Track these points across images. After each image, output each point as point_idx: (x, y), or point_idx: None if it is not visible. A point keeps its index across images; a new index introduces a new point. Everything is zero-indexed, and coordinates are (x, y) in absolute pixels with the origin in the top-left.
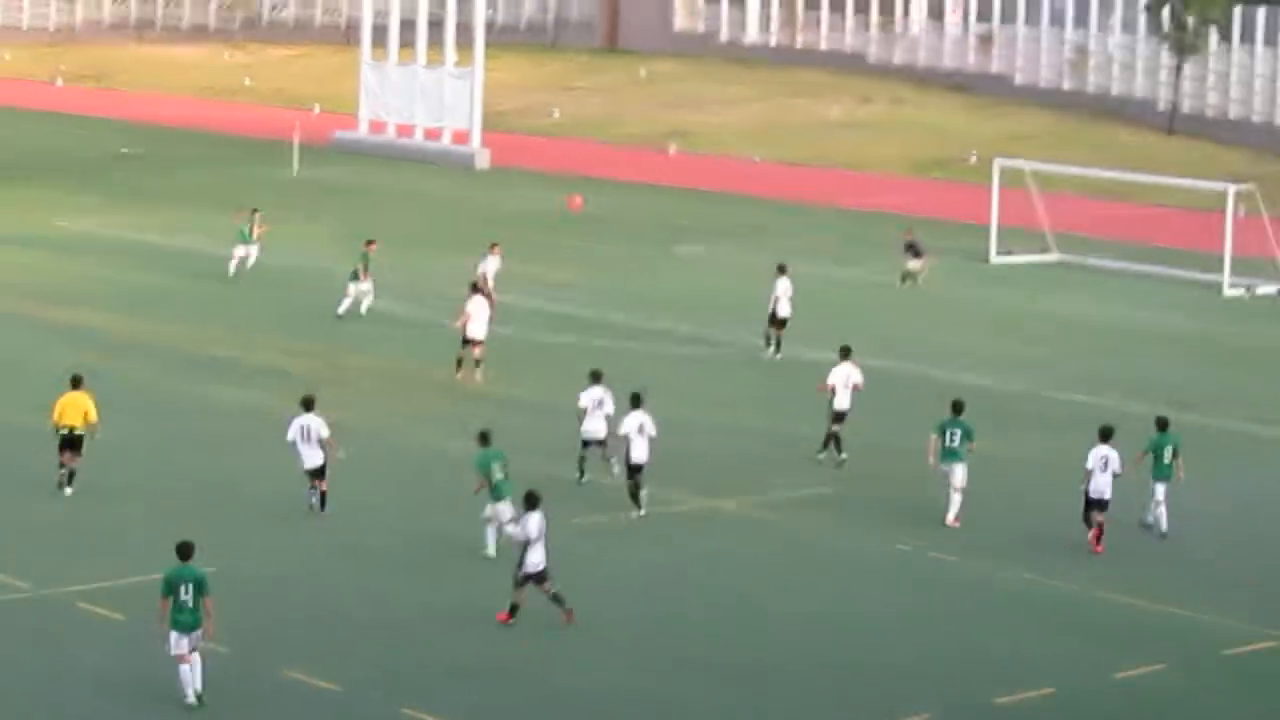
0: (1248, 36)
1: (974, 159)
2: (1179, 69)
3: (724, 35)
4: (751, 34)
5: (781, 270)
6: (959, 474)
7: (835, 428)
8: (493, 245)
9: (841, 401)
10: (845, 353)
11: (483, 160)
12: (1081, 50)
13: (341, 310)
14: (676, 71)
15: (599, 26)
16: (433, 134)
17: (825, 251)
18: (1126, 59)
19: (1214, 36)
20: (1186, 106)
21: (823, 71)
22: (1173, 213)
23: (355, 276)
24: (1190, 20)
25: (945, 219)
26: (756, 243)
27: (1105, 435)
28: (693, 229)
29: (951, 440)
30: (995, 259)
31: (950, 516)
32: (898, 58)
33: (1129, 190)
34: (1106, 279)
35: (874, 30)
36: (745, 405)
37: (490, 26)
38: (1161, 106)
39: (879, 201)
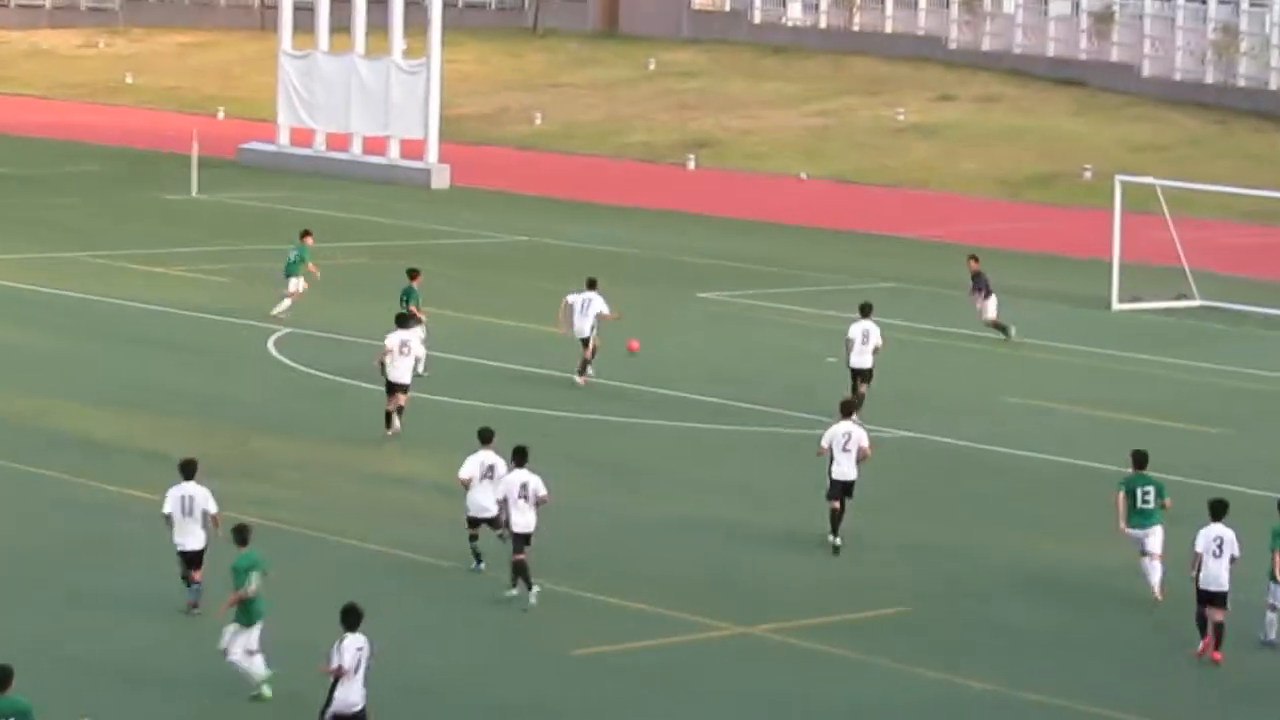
0: None
1: (1089, 175)
2: None
3: (757, 15)
4: (794, 13)
5: (865, 311)
6: (1156, 539)
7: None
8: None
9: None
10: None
11: (441, 179)
12: (1230, 31)
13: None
14: (696, 63)
15: (594, 4)
16: (375, 145)
17: (894, 296)
18: None
19: None
20: None
21: (888, 62)
22: None
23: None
24: None
25: (1050, 253)
26: (803, 285)
27: (1218, 511)
28: (721, 271)
29: (1145, 500)
30: (1118, 306)
31: (1156, 588)
32: (987, 43)
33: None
34: (1268, 331)
35: (956, 8)
36: (794, 497)
37: (451, 3)
38: None
39: (961, 230)
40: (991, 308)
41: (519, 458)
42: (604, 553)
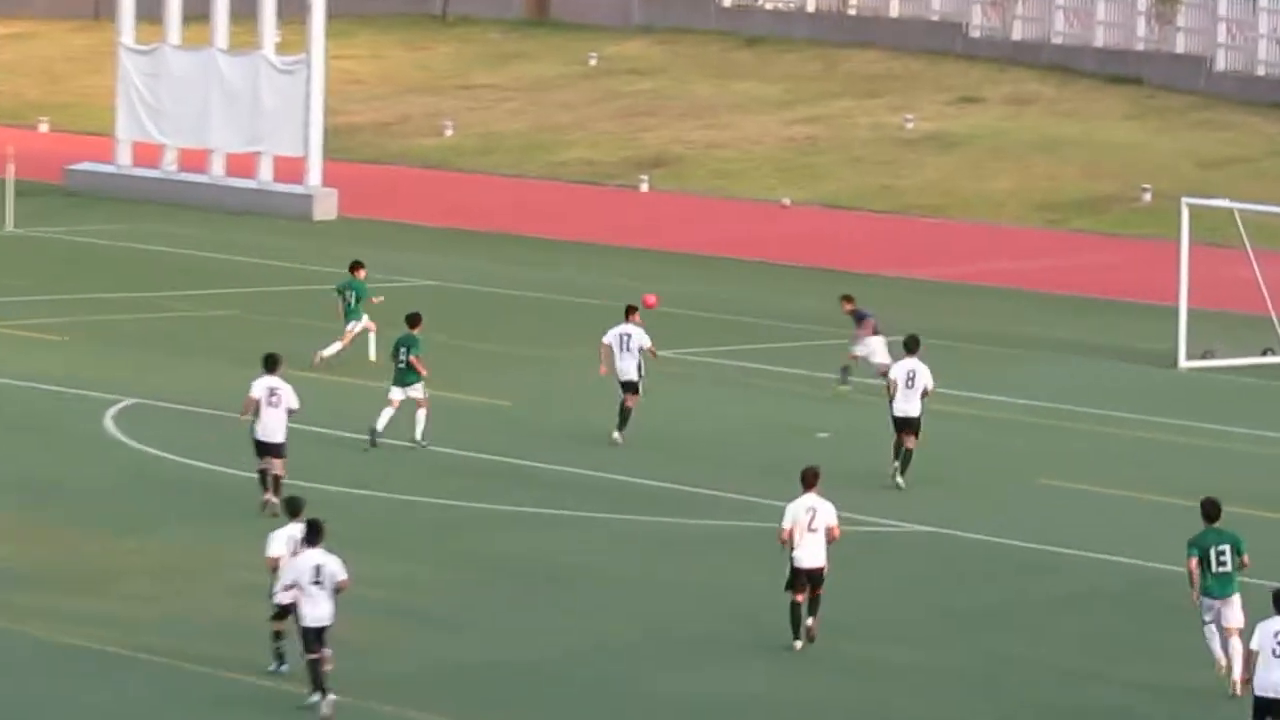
0: None
1: (1148, 197)
2: None
3: None
4: None
5: (910, 347)
6: (1236, 610)
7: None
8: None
9: (906, 407)
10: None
11: (326, 208)
12: None
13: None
14: (649, 57)
15: None
16: (242, 165)
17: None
18: None
19: None
20: None
21: (895, 55)
22: None
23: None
24: None
25: (1102, 297)
26: (788, 340)
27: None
28: (683, 322)
29: (1220, 563)
30: (1186, 364)
31: (1237, 677)
32: (1020, 31)
33: None
34: None
35: None
36: (768, 605)
37: None
38: None
39: (988, 269)
40: (880, 351)
41: (312, 536)
42: (510, 681)
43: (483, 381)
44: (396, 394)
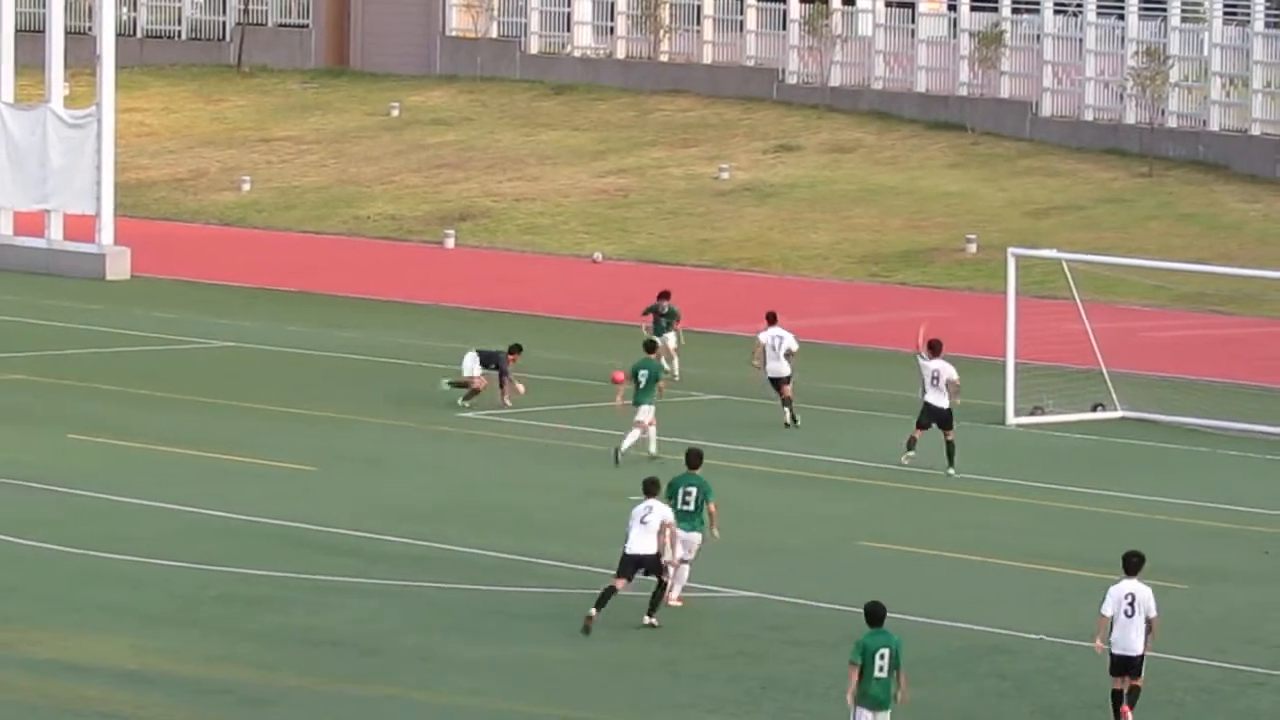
0: None
1: (974, 248)
2: None
3: (534, 44)
4: (583, 40)
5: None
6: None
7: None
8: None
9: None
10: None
11: (119, 267)
12: (1156, 55)
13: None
14: (454, 107)
15: (318, 33)
16: (30, 224)
17: (717, 409)
18: (1233, 69)
19: None
20: None
21: (709, 102)
22: None
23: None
24: None
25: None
26: (601, 400)
27: (1131, 566)
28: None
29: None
30: (1015, 420)
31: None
32: (838, 76)
33: (1241, 297)
34: (1206, 449)
35: (796, 31)
36: (583, 677)
37: (128, 34)
38: None
39: (809, 325)
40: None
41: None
42: None
43: (285, 446)
44: (645, 414)
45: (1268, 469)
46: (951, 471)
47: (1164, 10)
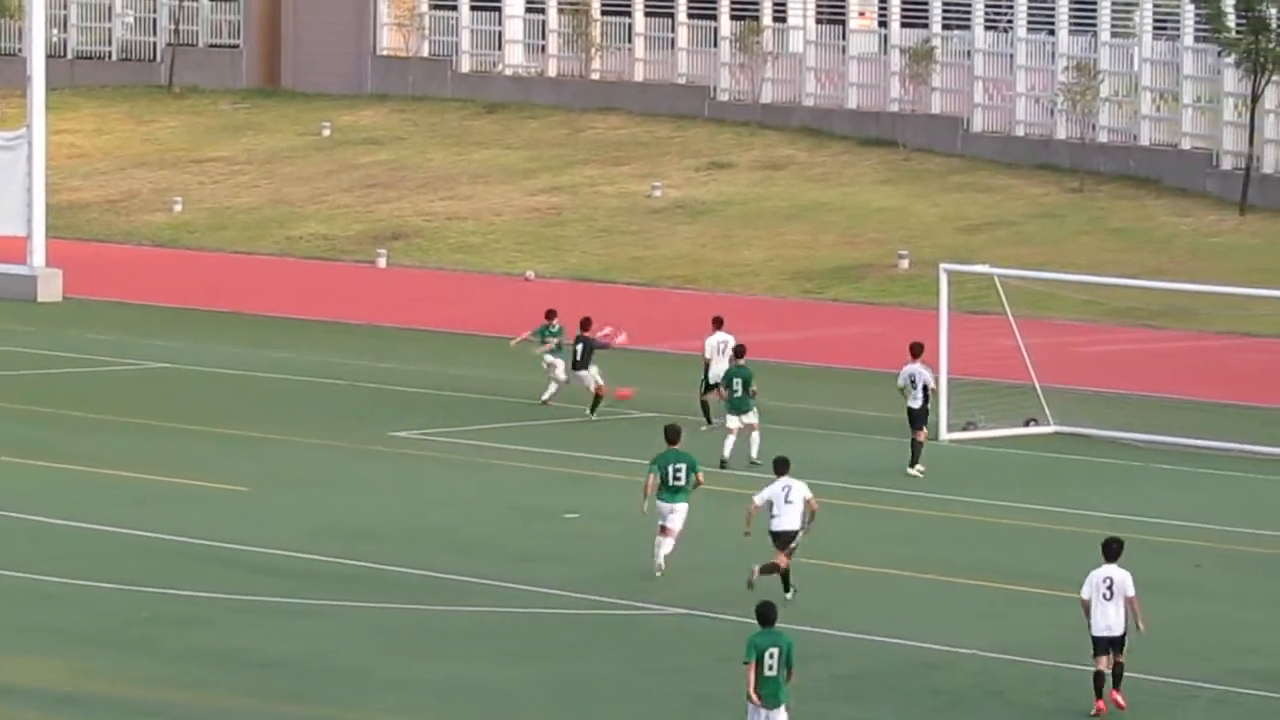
0: None
1: (906, 264)
2: (1255, 100)
3: (465, 63)
4: (514, 58)
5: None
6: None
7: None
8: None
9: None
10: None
11: (51, 289)
12: (1086, 71)
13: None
14: (385, 126)
15: (249, 53)
16: None
17: (646, 427)
18: (1163, 83)
19: None
20: (1270, 163)
21: (640, 120)
22: (1252, 344)
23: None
24: (1275, 14)
25: (861, 369)
26: (532, 419)
27: (1111, 552)
28: (423, 401)
29: (770, 667)
30: (949, 436)
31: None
32: (770, 93)
33: (1173, 311)
34: (1139, 463)
35: (727, 48)
36: (528, 701)
37: (58, 55)
38: (1228, 165)
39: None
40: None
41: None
42: None
43: (217, 466)
44: (734, 421)
45: (1200, 482)
46: (912, 471)
47: (1094, 25)
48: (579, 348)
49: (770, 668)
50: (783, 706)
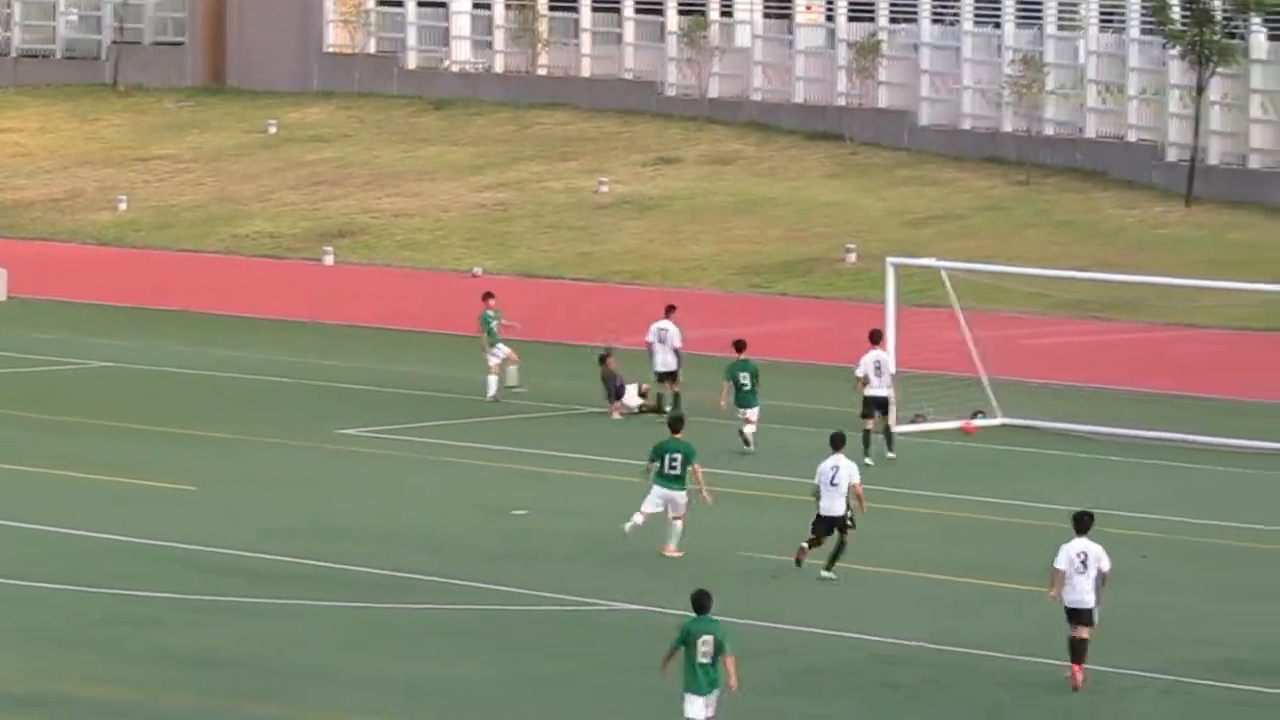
0: None
1: (854, 257)
2: (1200, 91)
3: (412, 59)
4: (461, 54)
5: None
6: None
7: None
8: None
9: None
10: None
11: None
12: (1032, 64)
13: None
14: (332, 123)
15: (194, 51)
16: None
17: (589, 435)
18: (1108, 76)
19: (1260, 35)
20: (1215, 154)
21: (588, 115)
22: (1199, 336)
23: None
24: (1219, 6)
25: (809, 363)
26: (483, 415)
27: (1082, 525)
28: (372, 399)
29: (703, 654)
30: (897, 429)
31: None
32: (717, 88)
33: (1120, 303)
34: (1086, 455)
35: (674, 43)
36: (492, 696)
37: (1, 53)
38: (1174, 156)
39: (691, 337)
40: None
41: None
42: None
43: (165, 466)
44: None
45: (1147, 473)
46: (891, 454)
47: (1040, 19)
48: (606, 384)
49: (704, 655)
50: (714, 693)
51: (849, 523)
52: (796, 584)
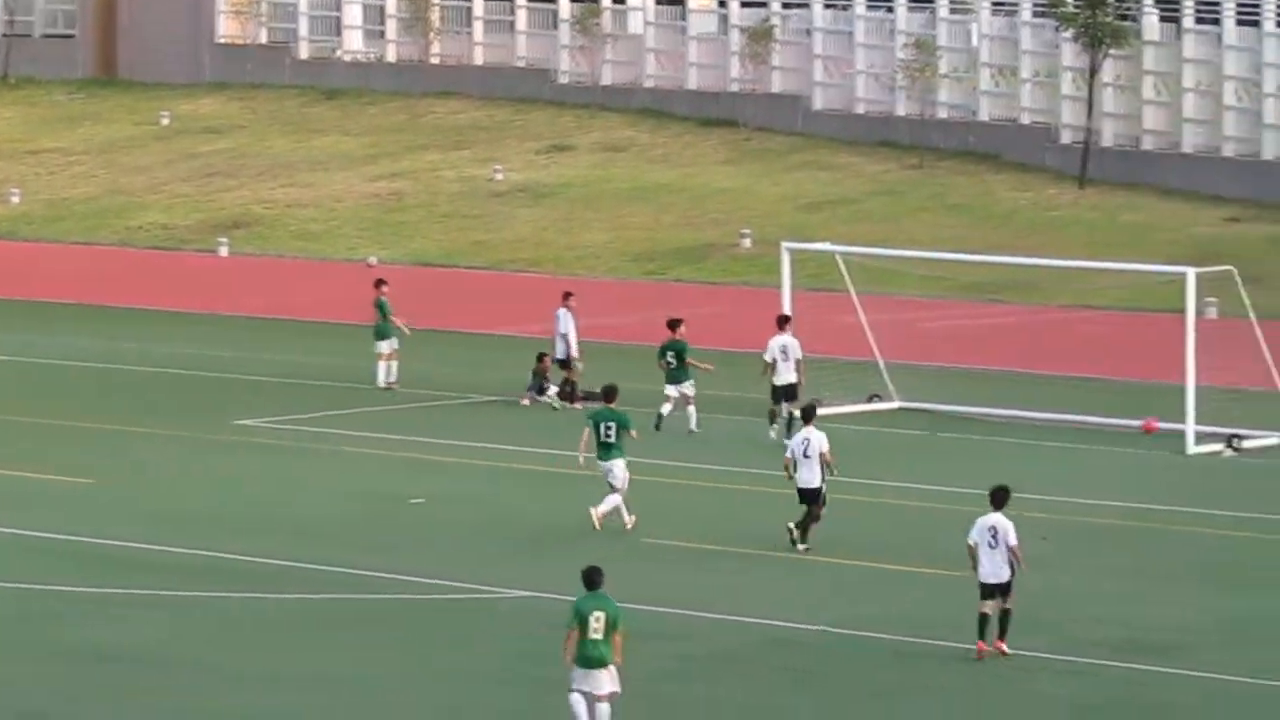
0: (1208, 15)
1: (748, 243)
2: (1093, 73)
3: (304, 49)
4: (353, 44)
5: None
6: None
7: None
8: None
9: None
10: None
11: None
12: (926, 48)
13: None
14: (225, 114)
15: (85, 43)
16: None
17: (495, 413)
18: (1002, 59)
19: (1152, 17)
20: (1109, 136)
21: (481, 104)
22: (1094, 317)
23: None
24: None
25: (707, 349)
26: (378, 405)
27: (997, 500)
28: (268, 389)
29: (594, 629)
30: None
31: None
32: (610, 75)
33: (1014, 285)
34: (981, 437)
35: (566, 31)
36: (380, 686)
37: None
38: (1067, 138)
39: (586, 325)
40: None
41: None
42: None
43: (62, 459)
44: (671, 390)
45: (1043, 455)
46: (772, 434)
47: (932, 2)
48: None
49: (595, 631)
50: (610, 667)
51: (822, 497)
52: (695, 570)
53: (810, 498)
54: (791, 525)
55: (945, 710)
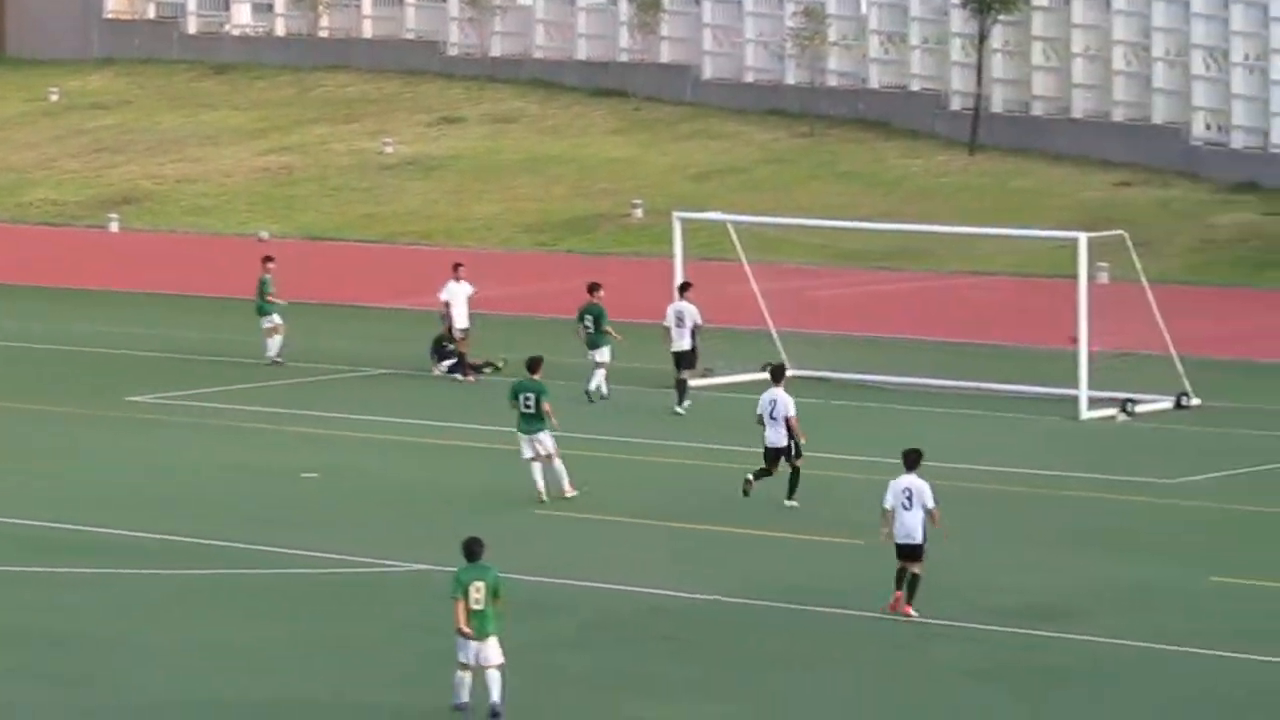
0: None
1: (640, 213)
2: (983, 39)
3: (192, 24)
4: (242, 18)
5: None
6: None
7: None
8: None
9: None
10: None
11: None
12: (815, 16)
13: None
14: (113, 90)
15: None
16: None
17: (387, 384)
18: (891, 25)
19: None
20: (999, 102)
21: (370, 77)
22: (985, 283)
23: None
24: None
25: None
26: (271, 379)
27: (910, 462)
28: (159, 365)
29: (476, 601)
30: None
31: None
32: (499, 46)
33: (906, 252)
34: (875, 405)
35: (455, 4)
36: (271, 659)
37: None
38: (957, 105)
39: (479, 295)
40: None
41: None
42: None
43: None
44: (598, 356)
45: (937, 421)
46: (680, 410)
47: None
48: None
49: (477, 601)
50: (493, 638)
51: (796, 452)
52: (582, 539)
53: (781, 455)
54: (749, 476)
55: (837, 678)
